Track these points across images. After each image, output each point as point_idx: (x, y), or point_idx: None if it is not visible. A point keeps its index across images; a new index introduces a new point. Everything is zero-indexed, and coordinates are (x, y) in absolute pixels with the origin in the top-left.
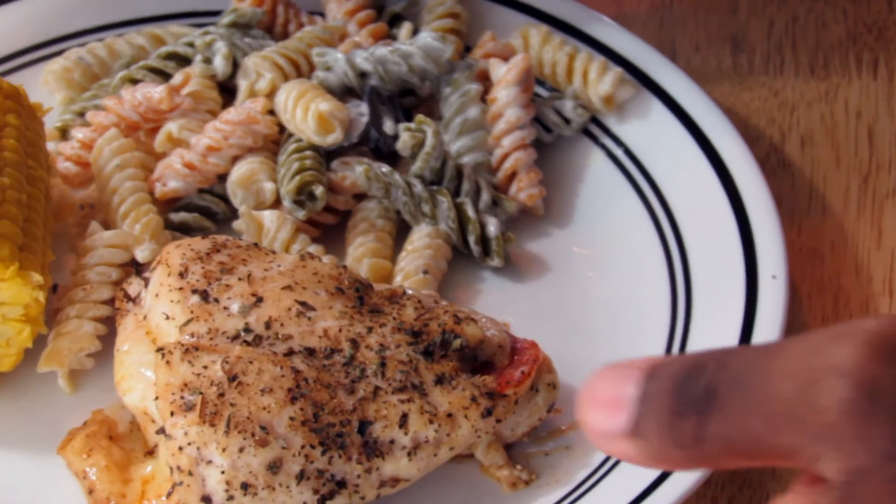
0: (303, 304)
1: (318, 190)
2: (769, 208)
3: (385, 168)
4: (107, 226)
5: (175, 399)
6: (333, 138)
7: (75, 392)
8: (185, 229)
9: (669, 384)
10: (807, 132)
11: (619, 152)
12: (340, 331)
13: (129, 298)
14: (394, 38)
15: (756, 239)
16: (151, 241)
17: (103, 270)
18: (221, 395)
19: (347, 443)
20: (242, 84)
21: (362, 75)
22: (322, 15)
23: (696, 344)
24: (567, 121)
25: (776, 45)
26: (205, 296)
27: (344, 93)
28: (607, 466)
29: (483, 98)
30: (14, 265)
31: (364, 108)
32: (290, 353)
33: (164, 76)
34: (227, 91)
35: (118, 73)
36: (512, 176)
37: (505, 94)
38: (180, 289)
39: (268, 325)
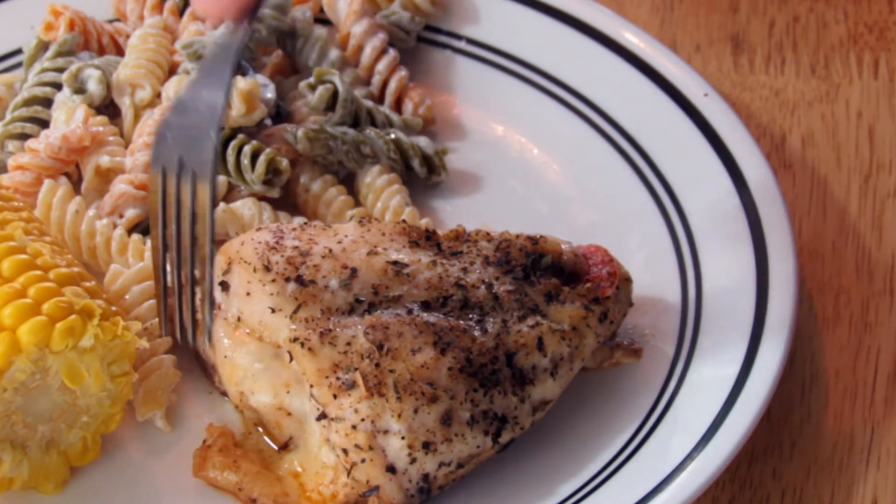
0: (395, 263)
1: (284, 163)
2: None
3: (315, 126)
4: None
5: (332, 382)
6: (259, 114)
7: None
8: None
9: None
10: (808, 132)
11: (626, 146)
12: (441, 279)
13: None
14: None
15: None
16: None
17: (152, 304)
18: (377, 365)
19: (501, 378)
20: (125, 101)
21: None
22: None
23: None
24: (407, 32)
25: (777, 45)
26: (300, 281)
27: None
28: (611, 468)
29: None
30: (117, 319)
31: (261, 79)
32: (409, 311)
33: (38, 122)
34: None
35: None
36: (398, 98)
37: (358, 26)
38: (273, 281)
39: (375, 292)
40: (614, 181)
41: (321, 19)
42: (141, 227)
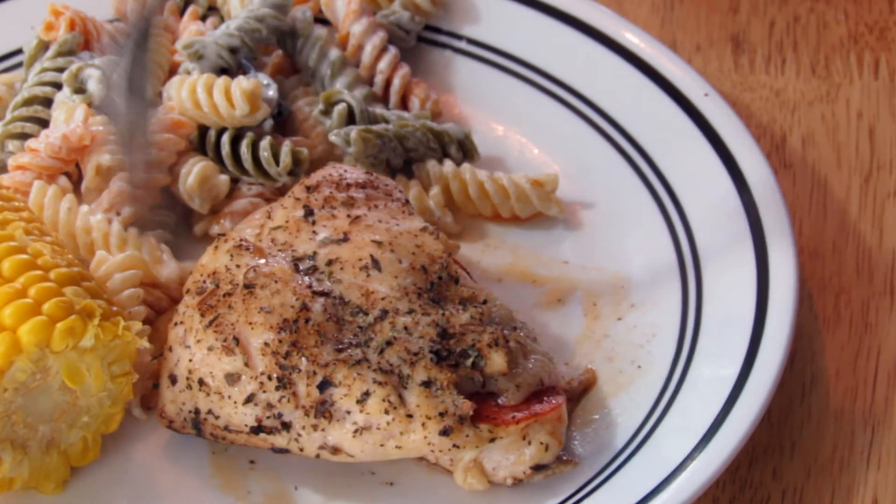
0: (375, 262)
1: (304, 153)
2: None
3: (364, 126)
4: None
5: (198, 280)
6: (262, 114)
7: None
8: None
9: None
10: (808, 132)
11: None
12: (384, 299)
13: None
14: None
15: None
16: (168, 258)
17: (132, 293)
18: (228, 294)
19: (302, 392)
20: None
21: (232, 51)
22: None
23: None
24: (407, 31)
25: (777, 45)
26: (308, 215)
27: (218, 74)
28: (611, 468)
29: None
30: (118, 319)
31: (263, 78)
32: (323, 293)
33: (39, 122)
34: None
35: None
36: (404, 96)
37: (357, 26)
38: (297, 199)
39: (329, 263)
40: (614, 181)
41: (321, 19)
42: (139, 224)
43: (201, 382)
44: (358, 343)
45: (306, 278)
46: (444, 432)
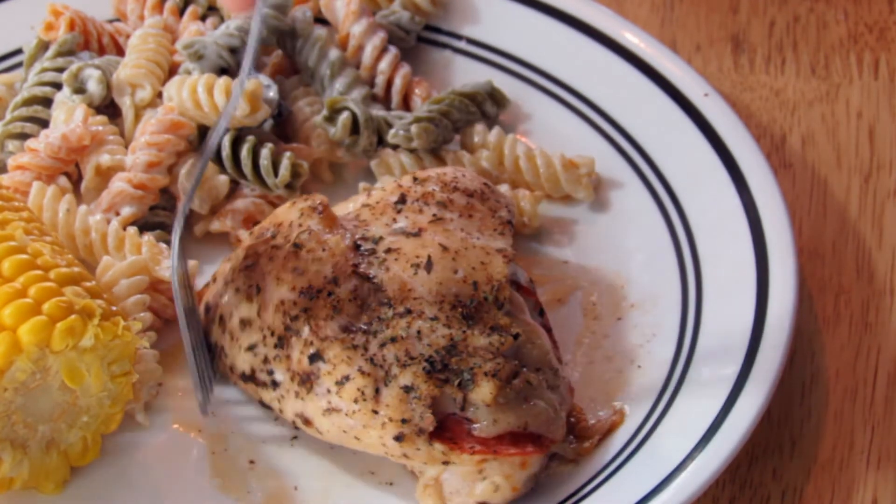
0: (429, 263)
1: (305, 166)
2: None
3: (422, 114)
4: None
5: (264, 226)
6: (262, 114)
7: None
8: None
9: None
10: (808, 132)
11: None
12: (416, 299)
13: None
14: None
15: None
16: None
17: (138, 299)
18: (276, 247)
19: (295, 357)
20: (125, 101)
21: (232, 51)
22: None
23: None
24: (407, 32)
25: (777, 45)
26: (399, 202)
27: (218, 74)
28: (611, 468)
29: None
30: (117, 319)
31: (263, 79)
32: (364, 276)
33: (38, 122)
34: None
35: None
36: (405, 95)
37: (357, 26)
38: (399, 185)
39: (388, 251)
40: (614, 181)
41: (321, 19)
42: (138, 224)
43: (221, 319)
44: (367, 331)
45: (360, 259)
46: (398, 438)
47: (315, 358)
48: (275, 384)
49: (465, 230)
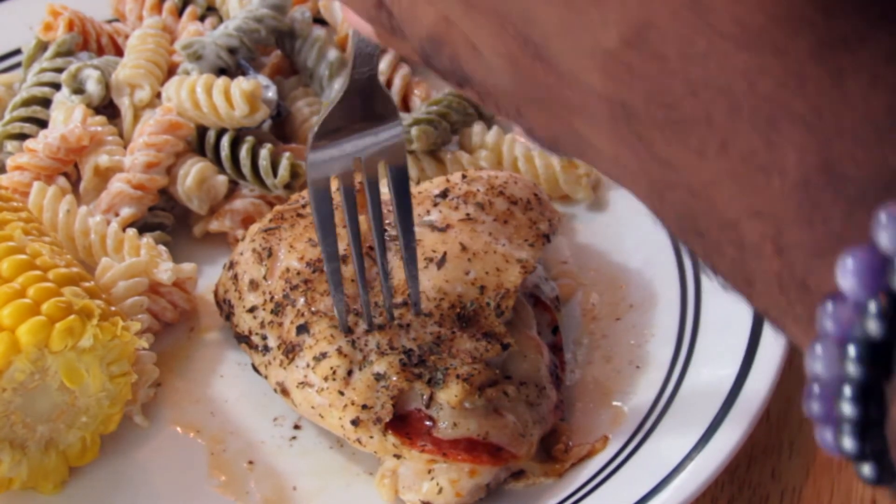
0: (442, 259)
1: (304, 167)
2: None
3: (421, 115)
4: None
5: (301, 194)
6: (261, 116)
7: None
8: None
9: None
10: None
11: None
12: (420, 292)
13: None
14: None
15: None
16: (166, 261)
17: (136, 301)
18: (300, 216)
19: (286, 326)
20: (124, 101)
21: (230, 52)
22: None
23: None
24: None
25: None
26: (439, 196)
27: (217, 75)
28: (611, 468)
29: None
30: (116, 320)
31: (262, 79)
32: (374, 261)
33: (37, 122)
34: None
35: None
36: (405, 95)
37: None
38: (446, 180)
39: (405, 232)
40: (613, 180)
41: (320, 20)
42: (137, 225)
43: (235, 277)
44: (359, 313)
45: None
46: (353, 422)
47: (301, 330)
48: (266, 349)
49: (493, 234)
